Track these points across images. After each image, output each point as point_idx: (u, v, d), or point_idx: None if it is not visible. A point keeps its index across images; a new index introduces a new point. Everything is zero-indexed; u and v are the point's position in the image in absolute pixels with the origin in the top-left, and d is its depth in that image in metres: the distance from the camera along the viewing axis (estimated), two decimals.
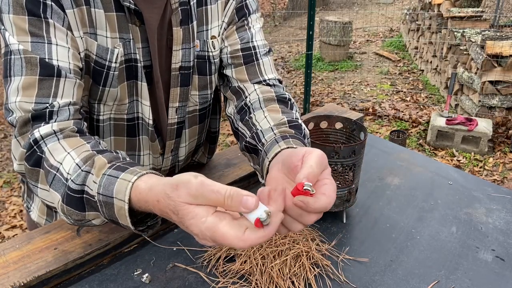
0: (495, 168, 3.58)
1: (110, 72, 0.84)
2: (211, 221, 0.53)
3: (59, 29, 0.75)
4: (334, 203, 0.96)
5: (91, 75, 0.84)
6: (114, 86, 0.86)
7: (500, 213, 1.03)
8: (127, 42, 0.84)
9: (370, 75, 5.95)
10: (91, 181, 0.65)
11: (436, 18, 5.32)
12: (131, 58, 0.86)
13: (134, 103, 0.92)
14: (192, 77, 0.96)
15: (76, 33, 0.78)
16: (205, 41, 0.95)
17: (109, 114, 0.92)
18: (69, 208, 0.67)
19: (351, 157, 0.92)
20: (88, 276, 0.85)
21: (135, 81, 0.89)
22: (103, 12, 0.80)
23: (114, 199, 0.63)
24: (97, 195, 0.64)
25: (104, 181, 0.64)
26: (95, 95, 0.87)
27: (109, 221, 0.67)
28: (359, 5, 10.48)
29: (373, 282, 0.83)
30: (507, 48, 3.85)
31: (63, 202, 0.67)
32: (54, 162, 0.69)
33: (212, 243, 0.55)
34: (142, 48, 0.87)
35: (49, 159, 0.69)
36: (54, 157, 0.69)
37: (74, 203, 0.66)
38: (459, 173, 1.22)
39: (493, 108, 4.06)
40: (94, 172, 0.66)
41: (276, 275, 0.79)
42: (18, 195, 3.51)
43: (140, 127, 0.96)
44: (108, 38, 0.82)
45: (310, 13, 3.96)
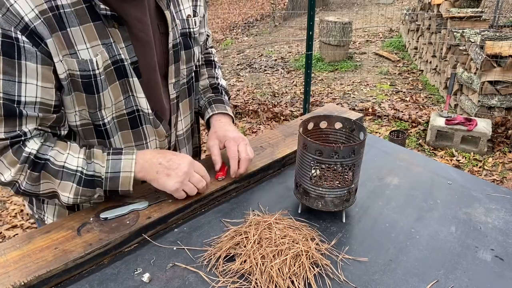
0: (495, 168, 3.58)
1: (98, 79, 0.92)
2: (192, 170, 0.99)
3: (30, 68, 0.84)
4: (334, 202, 0.97)
5: (83, 89, 0.92)
6: (105, 88, 0.94)
7: (499, 213, 1.04)
8: (109, 46, 0.91)
9: (369, 75, 5.95)
10: (99, 167, 0.94)
11: (436, 19, 5.33)
12: (117, 60, 0.93)
13: (130, 98, 1.00)
14: (180, 53, 1.08)
15: (56, 58, 0.86)
16: (183, 19, 1.08)
17: (111, 115, 0.99)
18: (84, 188, 0.94)
19: (351, 157, 0.92)
20: (88, 275, 0.85)
21: (126, 79, 0.97)
22: (78, 28, 0.87)
23: (121, 173, 0.95)
24: (104, 174, 0.94)
25: (110, 164, 0.95)
26: (93, 104, 0.95)
27: (107, 192, 0.97)
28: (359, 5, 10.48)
29: (373, 281, 0.83)
30: (506, 48, 3.85)
31: (78, 185, 0.93)
32: (59, 163, 0.92)
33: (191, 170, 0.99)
34: (126, 46, 0.94)
35: (54, 162, 0.91)
36: (58, 160, 0.92)
37: (89, 184, 0.94)
38: (459, 173, 1.22)
39: (493, 108, 4.06)
40: (98, 161, 0.95)
41: (276, 275, 0.80)
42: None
43: (142, 118, 1.04)
44: (89, 49, 0.89)
45: (310, 13, 3.96)
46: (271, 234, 0.89)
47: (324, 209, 0.99)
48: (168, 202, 1.01)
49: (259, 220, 0.94)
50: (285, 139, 1.31)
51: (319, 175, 1.03)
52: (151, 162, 0.97)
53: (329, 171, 1.01)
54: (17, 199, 3.43)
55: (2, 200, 3.44)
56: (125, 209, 0.97)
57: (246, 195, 1.11)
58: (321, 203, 0.98)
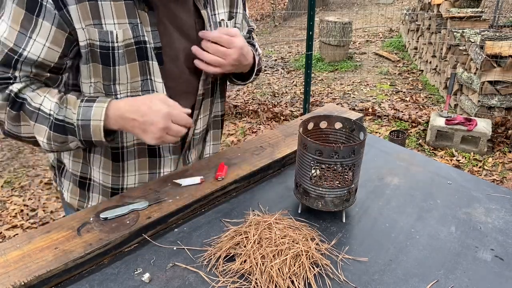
0: (494, 168, 3.58)
1: (115, 52, 0.95)
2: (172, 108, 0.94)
3: (45, 27, 0.89)
4: (334, 202, 0.97)
5: (100, 60, 0.95)
6: (122, 63, 0.97)
7: (499, 213, 1.04)
8: (135, 26, 0.95)
9: (369, 75, 5.95)
10: (71, 113, 0.93)
11: (436, 19, 5.33)
12: (140, 41, 0.97)
13: (148, 81, 1.02)
14: None
15: (78, 25, 0.90)
16: (216, 22, 1.12)
17: (125, 93, 1.01)
18: (55, 133, 0.93)
19: (351, 157, 0.92)
20: (88, 275, 0.85)
21: (146, 61, 0.99)
22: (109, 3, 0.92)
23: (91, 121, 0.92)
24: (76, 122, 0.92)
25: (81, 111, 0.92)
26: (108, 77, 0.98)
27: (83, 141, 0.95)
28: (359, 5, 10.48)
29: (373, 281, 0.83)
30: (506, 48, 3.85)
31: (50, 129, 0.93)
32: (35, 105, 0.92)
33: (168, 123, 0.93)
34: (152, 31, 0.98)
35: (30, 103, 0.92)
36: (34, 101, 0.92)
37: (59, 130, 0.93)
38: (459, 173, 1.22)
39: (493, 108, 4.06)
40: (70, 107, 0.93)
41: (276, 275, 0.80)
42: (18, 195, 3.51)
43: None
44: (115, 24, 0.93)
45: (310, 13, 3.96)
46: (271, 234, 0.89)
47: (324, 209, 0.99)
48: (168, 202, 1.01)
49: (259, 220, 0.94)
50: (285, 139, 1.31)
51: (319, 175, 1.03)
52: (125, 118, 0.94)
53: (329, 171, 1.01)
54: (17, 199, 3.43)
55: (2, 200, 3.44)
56: (125, 209, 0.97)
57: (246, 195, 1.11)
58: (321, 203, 0.98)
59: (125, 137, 1.07)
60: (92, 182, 1.15)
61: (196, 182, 1.07)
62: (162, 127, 0.92)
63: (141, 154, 1.11)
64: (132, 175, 1.13)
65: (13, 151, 4.44)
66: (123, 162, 1.10)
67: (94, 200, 1.17)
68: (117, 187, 1.14)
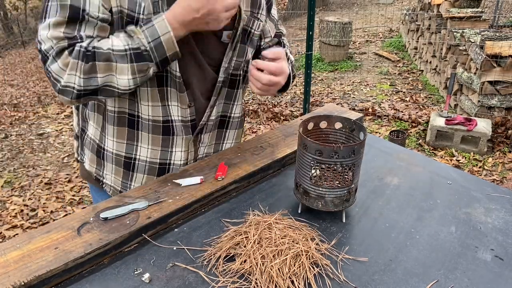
0: (494, 168, 3.59)
1: (139, 24, 0.98)
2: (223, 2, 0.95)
3: None
4: (334, 202, 0.97)
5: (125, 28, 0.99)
6: None
7: (499, 213, 1.04)
8: (155, 2, 0.99)
9: (369, 75, 5.95)
10: (141, 40, 0.95)
11: (436, 19, 5.33)
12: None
13: None
14: (237, 44, 1.14)
15: None
16: (250, 19, 1.15)
17: None
18: (138, 63, 0.97)
19: (351, 157, 0.92)
20: (88, 275, 0.85)
21: None
22: None
23: (161, 37, 0.95)
24: (148, 45, 0.95)
25: (146, 33, 0.95)
26: None
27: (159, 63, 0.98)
28: (359, 5, 10.48)
29: (373, 281, 0.83)
30: (506, 48, 3.85)
31: (132, 62, 0.96)
32: (107, 49, 0.95)
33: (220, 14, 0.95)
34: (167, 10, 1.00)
35: (102, 49, 0.95)
36: (105, 46, 0.95)
37: (140, 58, 0.96)
38: (459, 173, 1.22)
39: (492, 108, 4.06)
40: (136, 36, 0.96)
41: (276, 275, 0.80)
42: (18, 195, 3.51)
43: (168, 80, 1.08)
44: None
45: (310, 13, 3.96)
46: (271, 234, 0.89)
47: (324, 209, 0.99)
48: (168, 202, 1.01)
49: (259, 220, 0.94)
50: (285, 139, 1.31)
51: (319, 175, 1.03)
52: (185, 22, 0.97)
53: (329, 171, 1.01)
54: (17, 199, 3.43)
55: (2, 200, 3.44)
56: (125, 209, 0.97)
57: (246, 195, 1.11)
58: (321, 203, 0.98)
59: (140, 108, 1.10)
60: (105, 152, 1.19)
61: (196, 182, 1.07)
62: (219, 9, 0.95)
63: (155, 130, 1.14)
64: (145, 147, 1.17)
65: (13, 151, 4.44)
66: (138, 131, 1.14)
67: (108, 169, 1.21)
68: (130, 156, 1.17)
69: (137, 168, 1.19)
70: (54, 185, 3.67)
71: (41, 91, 6.90)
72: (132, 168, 1.19)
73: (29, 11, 16.49)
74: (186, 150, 1.20)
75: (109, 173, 1.22)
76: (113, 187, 1.23)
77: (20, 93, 7.13)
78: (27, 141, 4.73)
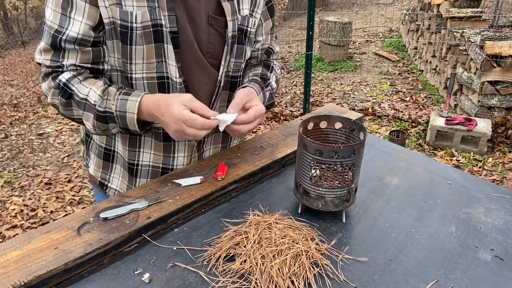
0: (494, 168, 3.59)
1: (133, 32, 1.00)
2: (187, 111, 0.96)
3: (79, 6, 0.98)
4: (334, 202, 0.97)
5: (120, 38, 1.01)
6: (140, 44, 1.02)
7: (499, 213, 1.04)
8: (153, 9, 1.00)
9: (369, 75, 5.95)
10: (110, 104, 1.03)
11: (436, 19, 5.33)
12: (157, 24, 1.01)
13: (162, 63, 1.06)
14: (233, 45, 1.14)
15: (102, 3, 0.97)
16: (244, 17, 1.14)
17: (141, 73, 1.06)
18: (99, 122, 1.04)
19: (351, 157, 0.92)
20: (88, 275, 0.85)
21: (161, 44, 1.03)
22: None
23: (126, 113, 1.02)
24: (115, 112, 1.02)
25: (118, 103, 1.02)
26: (125, 55, 1.04)
27: (122, 129, 1.05)
28: (359, 5, 10.48)
29: (373, 281, 0.83)
30: (506, 48, 3.85)
31: (94, 119, 1.04)
32: (82, 96, 1.03)
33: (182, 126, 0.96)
34: (168, 16, 1.01)
35: (78, 94, 1.03)
36: (82, 93, 1.03)
37: (102, 119, 1.04)
38: (459, 173, 1.22)
39: (492, 108, 4.06)
40: (110, 98, 1.03)
41: (276, 275, 0.80)
42: (18, 195, 3.51)
43: (170, 86, 1.10)
44: (134, 6, 0.99)
45: (310, 13, 3.96)
46: (271, 234, 0.89)
47: (324, 209, 0.99)
48: (168, 202, 1.01)
49: (259, 220, 0.94)
50: (285, 139, 1.31)
51: (319, 175, 1.03)
52: (151, 114, 1.02)
53: (329, 171, 1.01)
54: (17, 199, 3.43)
55: (2, 200, 3.44)
56: (125, 209, 0.97)
57: (246, 195, 1.11)
58: (321, 203, 0.98)
59: None
60: (116, 154, 1.21)
61: (196, 182, 1.07)
62: (174, 129, 0.98)
63: (157, 137, 1.16)
64: (148, 152, 1.18)
65: (13, 151, 4.44)
66: (140, 137, 1.16)
67: (116, 172, 1.23)
68: (133, 162, 1.19)
69: (140, 174, 1.20)
70: (54, 185, 3.67)
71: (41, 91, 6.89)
72: (135, 174, 1.20)
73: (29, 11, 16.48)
74: (189, 155, 1.20)
75: (117, 176, 1.23)
76: (117, 191, 1.23)
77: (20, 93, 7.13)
78: (27, 141, 4.73)
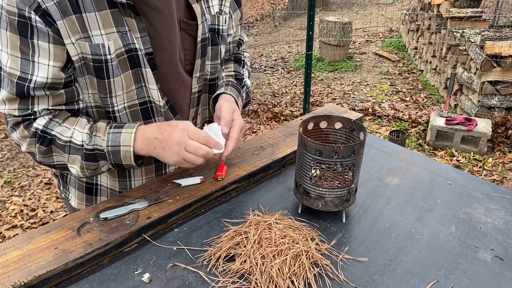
0: (494, 168, 3.58)
1: (109, 64, 0.93)
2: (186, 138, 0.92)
3: (43, 48, 0.87)
4: (334, 202, 0.97)
5: (94, 73, 0.94)
6: (117, 75, 0.95)
7: (499, 213, 1.04)
8: (124, 34, 0.92)
9: (369, 75, 5.95)
10: (100, 140, 0.95)
11: (436, 19, 5.33)
12: (131, 48, 0.94)
13: (143, 88, 1.01)
14: (207, 48, 1.09)
15: (67, 40, 0.88)
16: (213, 15, 1.09)
17: (122, 104, 1.01)
18: (87, 162, 0.97)
19: (351, 157, 0.92)
20: (88, 275, 0.85)
21: (139, 69, 0.98)
22: (94, 14, 0.88)
23: (120, 147, 0.95)
24: (106, 148, 0.95)
25: (110, 137, 0.95)
26: (103, 90, 0.96)
27: (114, 165, 0.99)
28: (359, 5, 10.48)
29: (373, 281, 0.83)
30: (506, 48, 3.85)
31: (82, 159, 0.96)
32: (66, 139, 0.95)
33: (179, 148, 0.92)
34: (141, 37, 0.95)
35: (61, 138, 0.95)
36: (65, 135, 0.95)
37: (91, 158, 0.96)
38: (459, 173, 1.22)
39: (493, 108, 4.06)
40: (100, 134, 0.95)
41: (276, 275, 0.80)
42: (18, 195, 3.51)
43: (154, 110, 1.05)
44: (103, 35, 0.90)
45: (310, 13, 3.96)
46: (271, 234, 0.89)
47: (324, 209, 0.99)
48: (168, 202, 1.01)
49: (259, 220, 0.94)
50: (285, 139, 1.31)
51: (319, 175, 1.03)
52: (149, 138, 0.95)
53: (329, 171, 1.01)
54: (17, 199, 3.43)
55: (2, 200, 3.44)
56: (125, 209, 0.97)
57: (246, 195, 1.11)
58: (321, 203, 0.98)
59: None
60: (99, 186, 1.15)
61: (196, 182, 1.07)
62: (178, 140, 0.92)
63: (148, 162, 1.12)
64: (139, 179, 1.15)
65: (13, 151, 4.44)
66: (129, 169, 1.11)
67: None
68: (125, 191, 1.14)
69: None
70: (54, 185, 3.67)
71: None
72: None
73: None
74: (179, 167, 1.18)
75: None
76: None
77: None
78: None
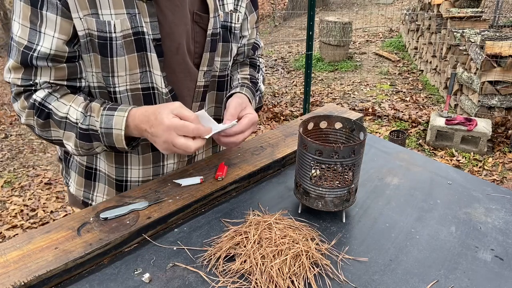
0: (495, 168, 3.58)
1: (113, 42, 0.94)
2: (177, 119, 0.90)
3: (50, 19, 0.90)
4: (334, 202, 0.97)
5: (98, 51, 0.95)
6: (121, 55, 0.96)
7: (499, 213, 1.04)
8: (133, 16, 0.94)
9: (369, 75, 5.95)
10: (94, 121, 0.95)
11: (436, 19, 5.33)
12: (138, 31, 0.95)
13: (147, 73, 1.01)
14: (217, 44, 1.09)
15: (75, 14, 0.90)
16: (227, 12, 1.10)
17: (124, 85, 1.00)
18: (81, 141, 0.97)
19: (351, 157, 0.92)
20: (88, 275, 0.85)
21: (145, 53, 0.98)
22: None
23: (113, 130, 0.95)
24: (99, 129, 0.95)
25: (103, 119, 0.95)
26: (106, 68, 0.97)
27: (108, 147, 0.98)
28: (359, 5, 10.48)
29: (373, 281, 0.83)
30: (506, 48, 3.85)
31: (76, 138, 0.97)
32: (62, 114, 0.95)
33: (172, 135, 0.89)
34: (150, 22, 0.96)
35: (57, 113, 0.95)
36: (61, 111, 0.96)
37: (85, 138, 0.97)
38: (459, 173, 1.22)
39: (493, 108, 4.06)
40: (94, 115, 0.95)
41: (276, 275, 0.80)
42: (18, 195, 3.51)
43: (156, 97, 1.05)
44: (112, 15, 0.92)
45: (310, 13, 3.96)
46: (271, 234, 0.89)
47: (324, 209, 0.99)
48: (168, 202, 1.01)
49: (259, 220, 0.94)
50: (285, 139, 1.31)
51: (319, 175, 1.03)
52: (139, 128, 0.95)
53: (329, 171, 1.01)
54: (17, 199, 3.43)
55: (2, 200, 3.44)
56: (125, 209, 0.97)
57: (246, 195, 1.11)
58: (321, 203, 0.98)
59: None
60: (98, 172, 1.16)
61: (196, 182, 1.07)
62: (163, 140, 0.91)
63: (144, 150, 1.12)
64: (136, 168, 1.14)
65: (13, 151, 4.44)
66: (126, 154, 1.11)
67: (100, 190, 1.18)
68: (121, 179, 1.15)
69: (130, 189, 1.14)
70: (54, 185, 3.67)
71: None
72: (125, 190, 1.16)
73: None
74: (178, 161, 1.18)
75: (100, 195, 1.18)
76: None
77: None
78: (27, 141, 4.73)
